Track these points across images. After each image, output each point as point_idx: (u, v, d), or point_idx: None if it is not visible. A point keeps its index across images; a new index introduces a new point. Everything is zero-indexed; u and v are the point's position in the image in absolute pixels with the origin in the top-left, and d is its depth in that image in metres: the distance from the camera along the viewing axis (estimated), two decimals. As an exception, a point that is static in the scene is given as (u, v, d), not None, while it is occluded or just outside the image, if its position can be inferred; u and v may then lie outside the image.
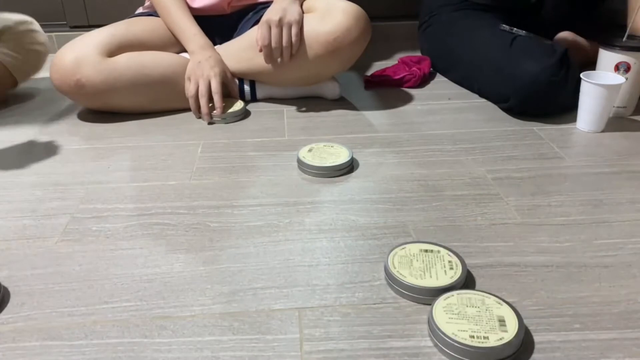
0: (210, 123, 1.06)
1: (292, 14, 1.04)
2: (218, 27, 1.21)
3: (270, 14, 1.04)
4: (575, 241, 0.68)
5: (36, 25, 1.24)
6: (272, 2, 1.08)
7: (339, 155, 0.87)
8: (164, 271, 0.63)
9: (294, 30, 1.03)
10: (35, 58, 1.20)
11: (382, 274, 0.62)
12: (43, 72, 1.24)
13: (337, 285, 0.61)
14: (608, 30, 1.04)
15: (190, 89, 1.07)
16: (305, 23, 1.05)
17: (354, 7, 1.04)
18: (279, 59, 1.06)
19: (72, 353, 0.52)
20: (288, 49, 1.04)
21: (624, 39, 0.99)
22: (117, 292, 0.60)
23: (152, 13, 1.20)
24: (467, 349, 0.49)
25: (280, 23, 1.03)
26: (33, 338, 0.54)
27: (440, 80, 1.31)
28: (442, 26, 1.29)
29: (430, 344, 0.52)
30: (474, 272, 0.62)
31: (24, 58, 1.19)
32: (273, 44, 1.04)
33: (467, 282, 0.60)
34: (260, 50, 1.06)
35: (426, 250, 0.63)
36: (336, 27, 1.02)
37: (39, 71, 1.26)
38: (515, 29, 1.13)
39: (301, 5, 1.08)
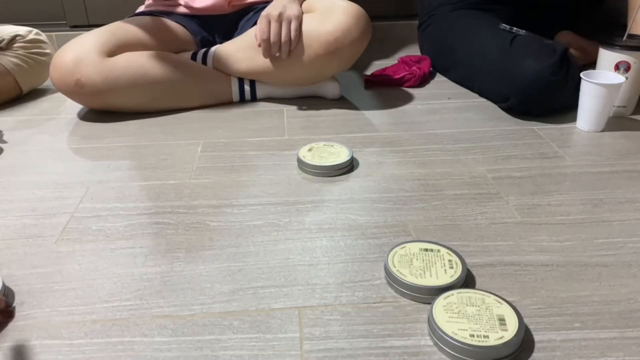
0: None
1: (292, 9, 1.04)
2: (219, 27, 1.21)
3: (270, 9, 1.04)
4: (575, 240, 0.67)
5: (44, 36, 1.25)
6: (272, 1, 1.08)
7: (339, 155, 0.87)
8: (164, 270, 0.63)
9: (293, 25, 1.03)
10: (41, 69, 1.20)
11: (382, 273, 0.62)
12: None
13: (337, 284, 0.61)
14: (608, 30, 1.04)
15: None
16: (305, 23, 1.05)
17: (354, 6, 1.04)
18: (277, 54, 1.06)
19: (71, 352, 0.52)
20: (287, 44, 1.04)
21: (624, 38, 0.99)
22: (117, 291, 0.60)
23: (153, 12, 1.20)
24: (467, 347, 0.49)
25: (279, 18, 1.03)
26: (33, 337, 0.54)
27: (440, 79, 1.31)
28: (441, 26, 1.29)
29: (430, 342, 0.52)
30: (474, 271, 0.62)
31: (30, 68, 1.20)
32: (272, 39, 1.03)
33: (467, 281, 0.60)
34: (260, 45, 1.05)
35: (426, 250, 0.63)
36: (337, 27, 1.02)
37: (44, 82, 1.26)
38: (515, 28, 1.13)
39: (300, 5, 1.08)
